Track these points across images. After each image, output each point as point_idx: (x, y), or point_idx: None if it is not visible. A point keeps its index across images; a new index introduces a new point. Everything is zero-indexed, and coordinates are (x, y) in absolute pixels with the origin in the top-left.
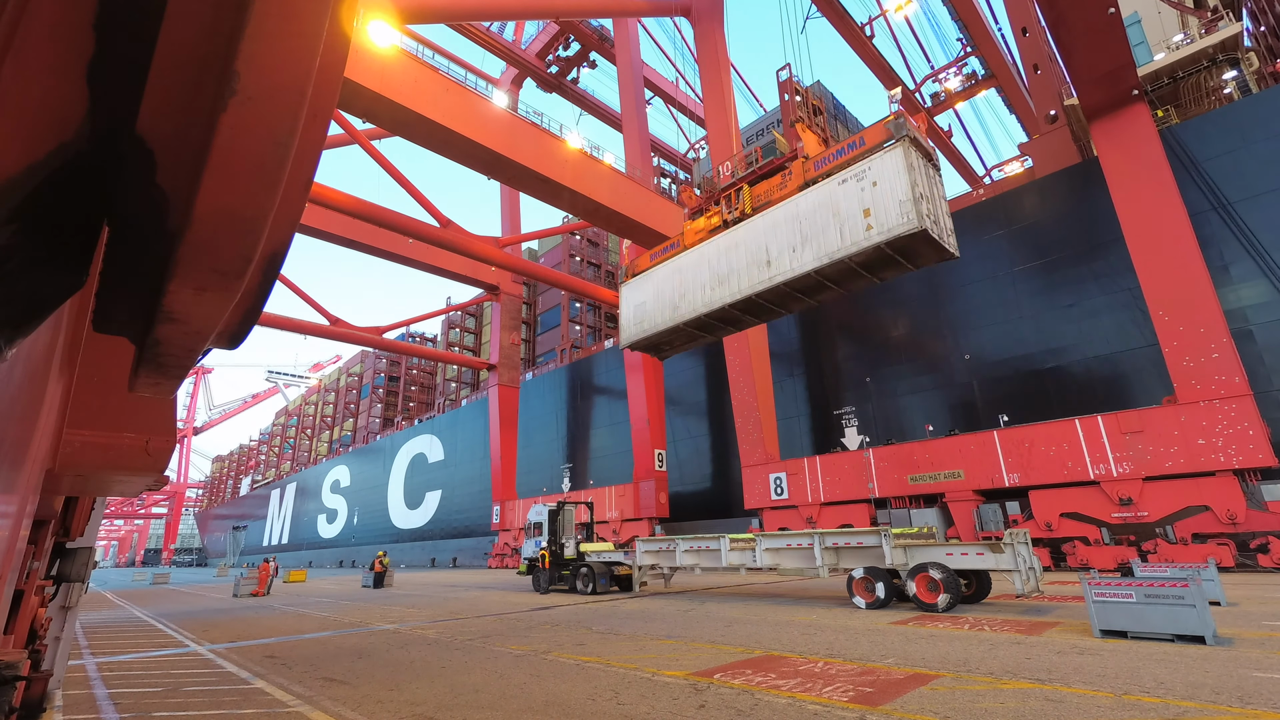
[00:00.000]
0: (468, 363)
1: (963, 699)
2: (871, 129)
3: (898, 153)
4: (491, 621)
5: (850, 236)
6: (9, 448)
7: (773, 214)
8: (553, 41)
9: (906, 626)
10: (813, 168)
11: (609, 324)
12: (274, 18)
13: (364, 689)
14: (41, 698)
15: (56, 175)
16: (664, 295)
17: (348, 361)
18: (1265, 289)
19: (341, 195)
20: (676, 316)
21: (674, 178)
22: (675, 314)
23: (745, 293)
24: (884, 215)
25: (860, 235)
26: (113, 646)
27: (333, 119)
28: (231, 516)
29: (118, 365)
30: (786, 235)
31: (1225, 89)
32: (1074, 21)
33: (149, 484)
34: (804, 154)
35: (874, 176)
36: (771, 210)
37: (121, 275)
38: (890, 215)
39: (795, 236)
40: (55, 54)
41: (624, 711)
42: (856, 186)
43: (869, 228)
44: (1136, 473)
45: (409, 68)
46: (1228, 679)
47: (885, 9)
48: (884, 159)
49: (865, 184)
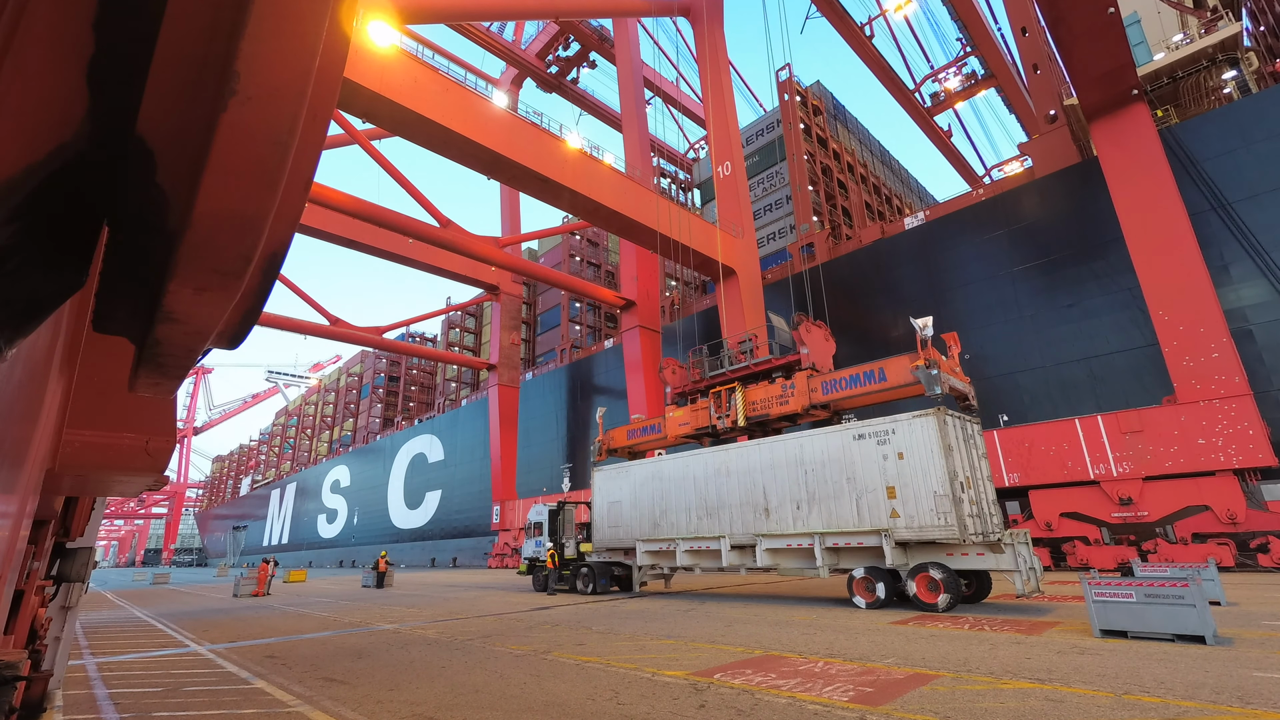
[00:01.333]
0: (468, 363)
1: (963, 699)
2: (893, 363)
3: (929, 424)
4: (491, 621)
5: (870, 518)
6: (9, 448)
7: (772, 449)
8: (553, 41)
9: (907, 626)
10: (820, 389)
11: (609, 324)
12: (274, 18)
13: (364, 689)
14: (42, 698)
15: (56, 175)
16: (642, 502)
17: (348, 361)
18: (1265, 289)
19: (341, 195)
20: (656, 533)
21: (674, 177)
22: (655, 530)
23: (740, 541)
24: (914, 507)
25: (882, 519)
26: (113, 646)
27: (333, 119)
28: (231, 516)
29: (118, 365)
30: (788, 483)
31: (1225, 89)
32: (1074, 21)
33: (149, 484)
34: (810, 363)
35: (899, 445)
36: (770, 444)
37: (121, 275)
38: (922, 511)
39: (799, 489)
40: (55, 54)
41: (624, 711)
42: (877, 451)
43: (894, 514)
44: (1136, 472)
45: (409, 68)
46: (1228, 679)
47: (885, 9)
48: (911, 427)
49: (889, 452)
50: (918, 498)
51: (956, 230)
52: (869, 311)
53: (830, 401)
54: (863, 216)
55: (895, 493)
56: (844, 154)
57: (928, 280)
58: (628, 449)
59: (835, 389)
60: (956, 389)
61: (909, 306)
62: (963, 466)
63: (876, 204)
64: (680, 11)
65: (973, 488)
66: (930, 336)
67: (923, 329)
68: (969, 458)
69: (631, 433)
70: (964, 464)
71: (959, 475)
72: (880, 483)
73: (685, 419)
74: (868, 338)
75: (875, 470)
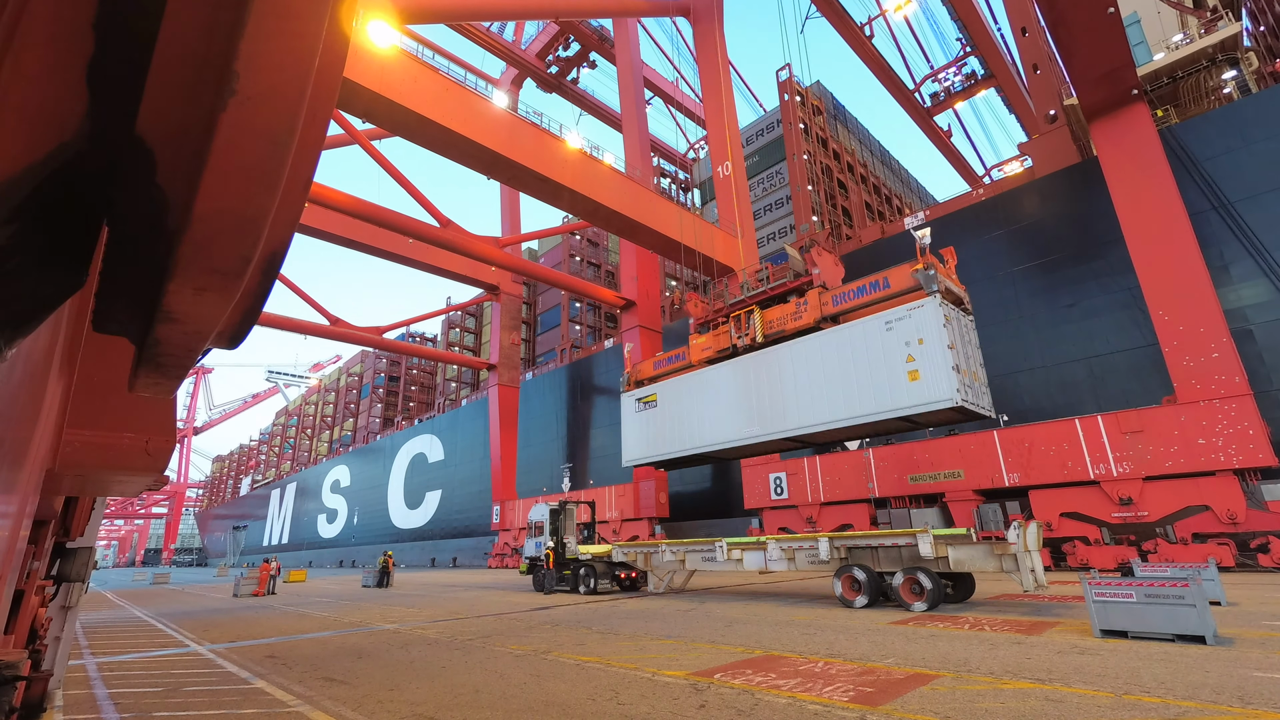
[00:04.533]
0: (468, 362)
1: (963, 699)
2: (896, 271)
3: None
4: (491, 621)
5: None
6: (9, 448)
7: (790, 350)
8: (553, 42)
9: (907, 626)
10: (830, 302)
11: (609, 324)
12: (273, 18)
13: (364, 689)
14: (42, 697)
15: (56, 175)
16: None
17: (348, 361)
18: (1265, 289)
19: (341, 195)
20: (686, 445)
21: (674, 177)
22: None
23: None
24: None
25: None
26: (113, 646)
27: (332, 119)
28: (231, 516)
29: (118, 365)
30: (807, 378)
31: (1225, 89)
32: (1073, 21)
33: (149, 484)
34: (820, 282)
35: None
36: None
37: (121, 275)
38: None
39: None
40: (55, 54)
41: (624, 711)
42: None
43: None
44: (1136, 472)
45: (409, 68)
46: (1228, 679)
47: (885, 9)
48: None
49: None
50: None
51: (957, 230)
52: None
53: (840, 312)
54: (863, 216)
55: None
56: (844, 154)
57: None
58: (653, 378)
59: (844, 300)
60: (953, 292)
61: None
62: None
63: (876, 204)
64: (680, 11)
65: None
66: (928, 244)
67: (921, 238)
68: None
69: (657, 363)
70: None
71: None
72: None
73: (708, 344)
74: None
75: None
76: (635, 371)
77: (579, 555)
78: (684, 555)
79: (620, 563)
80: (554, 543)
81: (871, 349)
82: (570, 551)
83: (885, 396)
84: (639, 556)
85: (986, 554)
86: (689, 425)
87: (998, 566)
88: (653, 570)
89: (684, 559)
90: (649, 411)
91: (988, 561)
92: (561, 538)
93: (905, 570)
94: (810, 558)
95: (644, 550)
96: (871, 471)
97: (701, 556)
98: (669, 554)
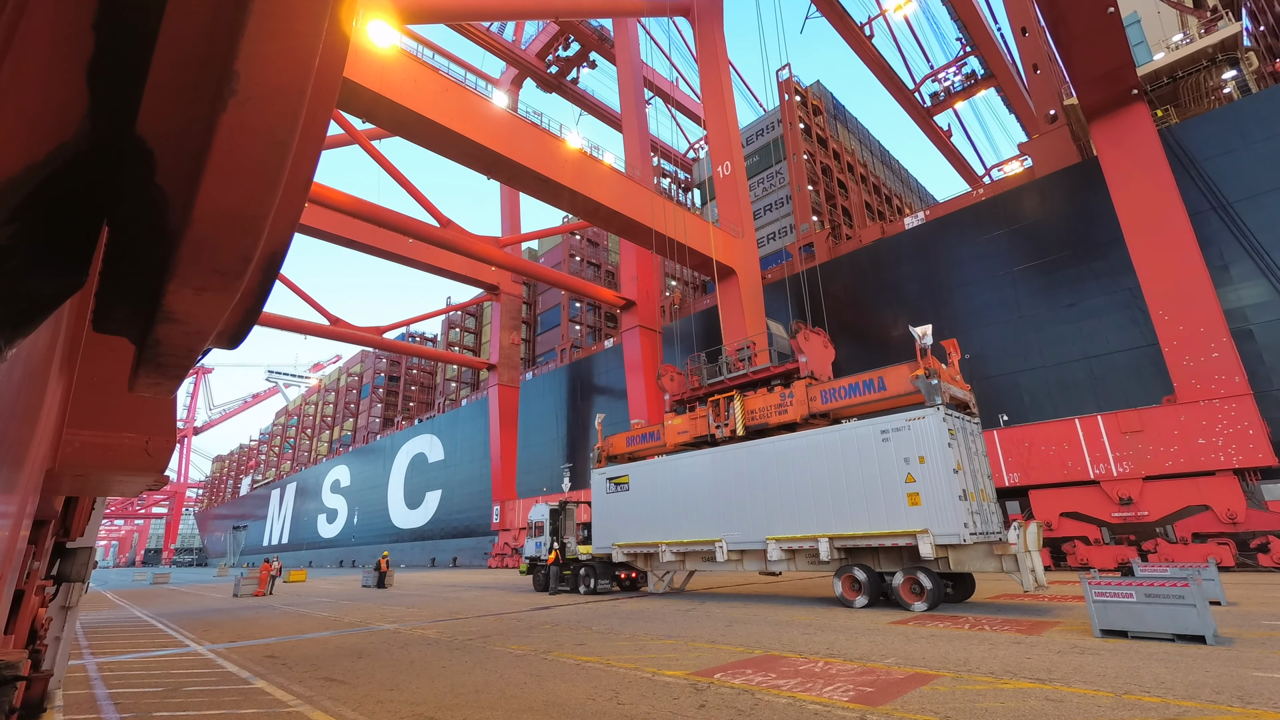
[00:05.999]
0: (468, 362)
1: (963, 699)
2: (893, 372)
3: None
4: (492, 621)
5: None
6: (9, 448)
7: (774, 446)
8: (553, 41)
9: (907, 626)
10: (819, 397)
11: (609, 324)
12: (273, 18)
13: (364, 689)
14: (42, 697)
15: (56, 175)
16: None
17: (348, 361)
18: (1265, 289)
19: (341, 195)
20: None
21: (674, 177)
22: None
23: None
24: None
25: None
26: (113, 646)
27: (332, 119)
28: (231, 516)
29: (118, 365)
30: (795, 484)
31: (1225, 89)
32: (1073, 21)
33: (149, 484)
34: (809, 371)
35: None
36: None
37: (121, 275)
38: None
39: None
40: (55, 54)
41: (624, 711)
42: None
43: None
44: (1136, 472)
45: (409, 68)
46: (1228, 679)
47: (885, 9)
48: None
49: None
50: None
51: (956, 230)
52: (869, 312)
53: (829, 410)
54: (863, 216)
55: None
56: (844, 154)
57: (928, 280)
58: (627, 455)
59: (834, 398)
60: (957, 398)
61: (909, 306)
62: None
63: (876, 204)
64: (680, 11)
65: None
66: (929, 345)
67: (921, 338)
68: (969, 450)
69: (630, 439)
70: (964, 457)
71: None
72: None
73: (684, 427)
74: (867, 338)
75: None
76: (607, 445)
77: (579, 555)
78: (684, 555)
79: (621, 563)
80: (555, 543)
81: (866, 459)
82: (570, 551)
83: (881, 518)
84: (639, 556)
85: (986, 554)
86: (664, 518)
87: (998, 567)
88: (652, 570)
89: (684, 559)
90: (621, 495)
91: (987, 562)
92: (562, 538)
93: (905, 570)
94: (810, 558)
95: (644, 550)
96: None
97: (701, 556)
98: (669, 554)
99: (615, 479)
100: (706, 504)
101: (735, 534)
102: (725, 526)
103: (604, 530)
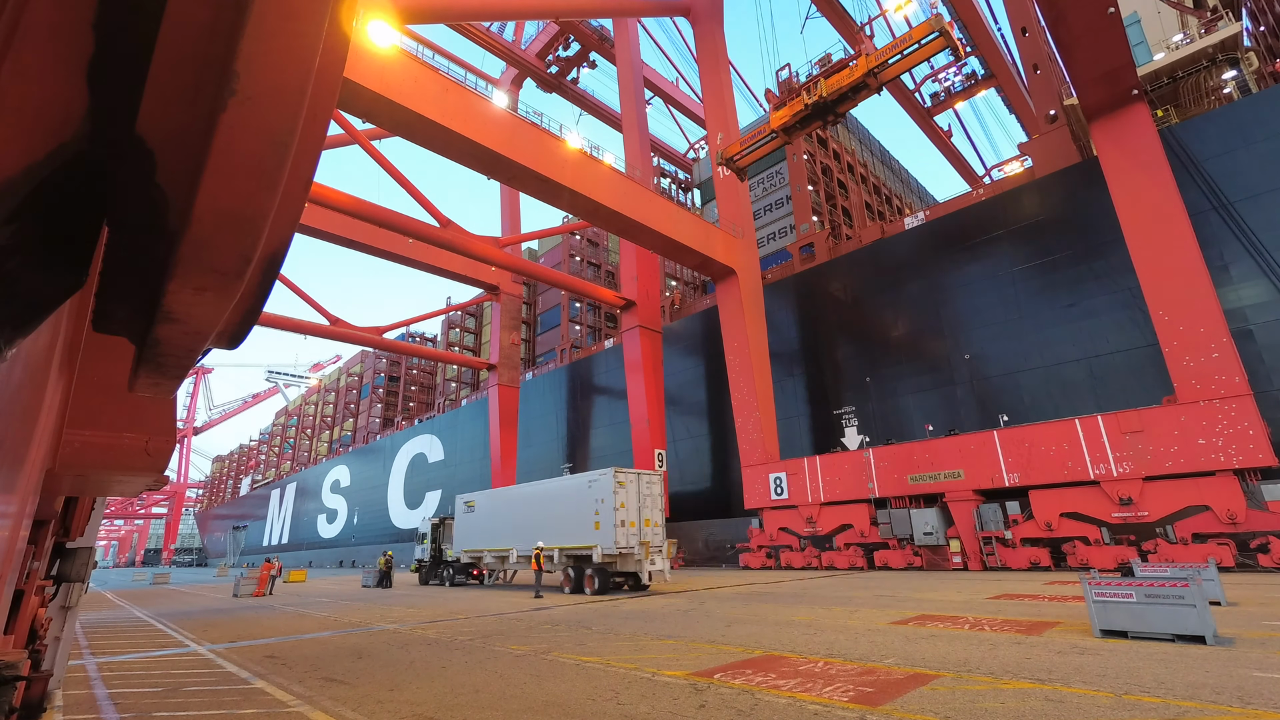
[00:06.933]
0: (468, 362)
1: (963, 699)
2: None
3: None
4: (491, 621)
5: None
6: (9, 448)
7: (542, 489)
8: (553, 41)
9: (907, 626)
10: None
11: (609, 324)
12: (274, 18)
13: (364, 689)
14: (41, 698)
15: (56, 175)
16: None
17: (348, 361)
18: (1265, 289)
19: (341, 195)
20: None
21: (674, 177)
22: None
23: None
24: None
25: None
26: (113, 646)
27: (333, 119)
28: (231, 516)
29: (118, 365)
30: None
31: (1225, 89)
32: (1074, 21)
33: (149, 484)
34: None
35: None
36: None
37: (121, 275)
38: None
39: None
40: (55, 54)
41: (624, 711)
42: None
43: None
44: (1136, 472)
45: (409, 68)
46: (1228, 679)
47: (885, 9)
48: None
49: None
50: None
51: (957, 230)
52: (869, 311)
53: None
54: (863, 216)
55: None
56: (844, 154)
57: (928, 280)
58: (739, 153)
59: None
60: None
61: (909, 306)
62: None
63: (876, 204)
64: (680, 11)
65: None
66: None
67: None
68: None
69: (743, 141)
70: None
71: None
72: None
73: (784, 113)
74: (868, 337)
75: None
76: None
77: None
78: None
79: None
80: (434, 549)
81: (580, 498)
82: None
83: (583, 536)
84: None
85: (628, 560)
86: (492, 532)
87: (634, 567)
88: (486, 569)
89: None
90: (470, 514)
91: (629, 564)
92: (440, 544)
93: (590, 569)
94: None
95: (478, 554)
96: (872, 471)
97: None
98: (489, 557)
99: (468, 502)
100: (511, 524)
101: (521, 545)
102: (516, 539)
103: (461, 539)
